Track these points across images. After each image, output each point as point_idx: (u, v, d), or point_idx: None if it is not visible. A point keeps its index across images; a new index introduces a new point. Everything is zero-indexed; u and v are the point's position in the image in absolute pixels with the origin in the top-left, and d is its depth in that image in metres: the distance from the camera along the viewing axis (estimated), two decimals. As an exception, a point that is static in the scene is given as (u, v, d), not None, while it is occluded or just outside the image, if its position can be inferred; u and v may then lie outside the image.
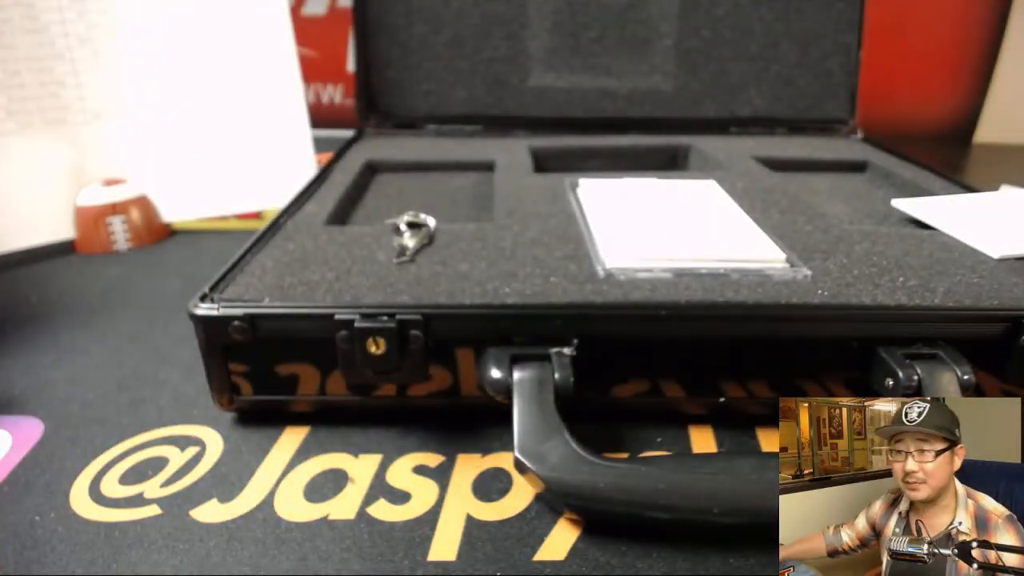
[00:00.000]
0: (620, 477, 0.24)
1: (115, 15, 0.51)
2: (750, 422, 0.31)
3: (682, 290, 0.30)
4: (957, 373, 0.27)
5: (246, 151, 0.55)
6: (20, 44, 0.49)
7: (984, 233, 0.36)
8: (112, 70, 0.51)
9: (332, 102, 0.91)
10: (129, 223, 0.51)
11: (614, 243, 0.34)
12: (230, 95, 0.54)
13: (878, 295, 0.30)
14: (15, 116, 0.49)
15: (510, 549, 0.24)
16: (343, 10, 0.86)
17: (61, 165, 0.51)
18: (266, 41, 0.54)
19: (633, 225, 0.37)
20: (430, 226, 0.37)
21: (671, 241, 0.35)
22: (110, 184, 0.51)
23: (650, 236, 0.35)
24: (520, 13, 0.60)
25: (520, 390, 0.27)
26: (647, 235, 0.35)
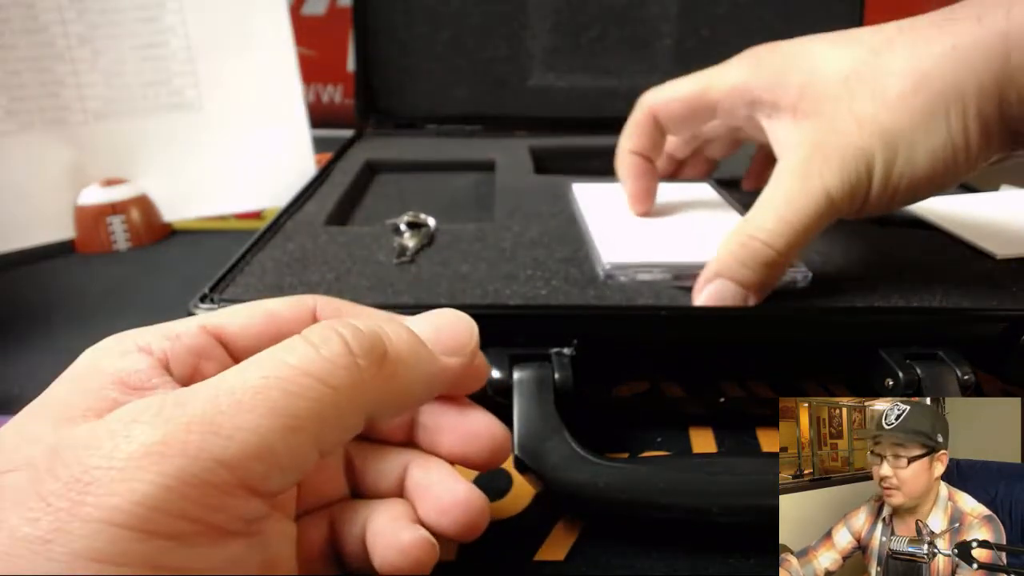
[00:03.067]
0: (620, 477, 0.24)
1: (115, 15, 0.51)
2: (750, 422, 0.31)
3: (683, 292, 0.30)
4: (957, 373, 0.27)
5: (246, 151, 0.54)
6: (20, 44, 0.49)
7: (984, 233, 0.36)
8: (112, 70, 0.51)
9: (332, 102, 0.91)
10: (129, 223, 0.51)
11: (613, 242, 0.34)
12: (230, 95, 0.54)
13: (878, 295, 0.30)
14: (15, 116, 0.49)
15: (510, 549, 0.24)
16: (343, 10, 0.86)
17: (61, 165, 0.51)
18: (266, 41, 0.54)
19: (630, 225, 0.37)
20: (430, 226, 0.37)
21: (670, 240, 0.35)
22: (110, 184, 0.51)
23: (648, 235, 0.35)
24: (520, 13, 0.60)
25: (520, 390, 0.27)
26: (645, 234, 0.36)
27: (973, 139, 0.26)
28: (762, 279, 0.29)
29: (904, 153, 0.27)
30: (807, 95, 0.29)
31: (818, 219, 0.28)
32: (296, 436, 0.15)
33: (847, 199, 0.28)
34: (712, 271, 0.29)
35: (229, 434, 0.15)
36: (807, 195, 0.28)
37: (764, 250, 0.28)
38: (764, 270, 0.28)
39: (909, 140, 0.27)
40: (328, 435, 0.16)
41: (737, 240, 0.29)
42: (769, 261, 0.28)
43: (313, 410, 0.16)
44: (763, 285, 0.29)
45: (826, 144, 0.28)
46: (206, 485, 0.14)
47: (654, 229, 0.36)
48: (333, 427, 0.16)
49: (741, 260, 0.28)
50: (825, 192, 0.27)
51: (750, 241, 0.28)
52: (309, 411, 0.16)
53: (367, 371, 0.17)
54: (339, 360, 0.16)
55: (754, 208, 0.29)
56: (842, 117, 0.28)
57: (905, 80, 0.27)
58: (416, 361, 0.19)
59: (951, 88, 0.26)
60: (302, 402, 0.16)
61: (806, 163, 0.28)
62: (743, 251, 0.28)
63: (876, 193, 0.28)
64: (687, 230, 0.36)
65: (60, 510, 0.13)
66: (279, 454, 0.15)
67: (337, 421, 0.17)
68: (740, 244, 0.28)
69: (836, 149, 0.27)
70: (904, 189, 0.27)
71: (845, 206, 0.28)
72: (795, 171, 0.28)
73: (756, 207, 0.29)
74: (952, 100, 0.26)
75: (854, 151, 0.27)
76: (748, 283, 0.29)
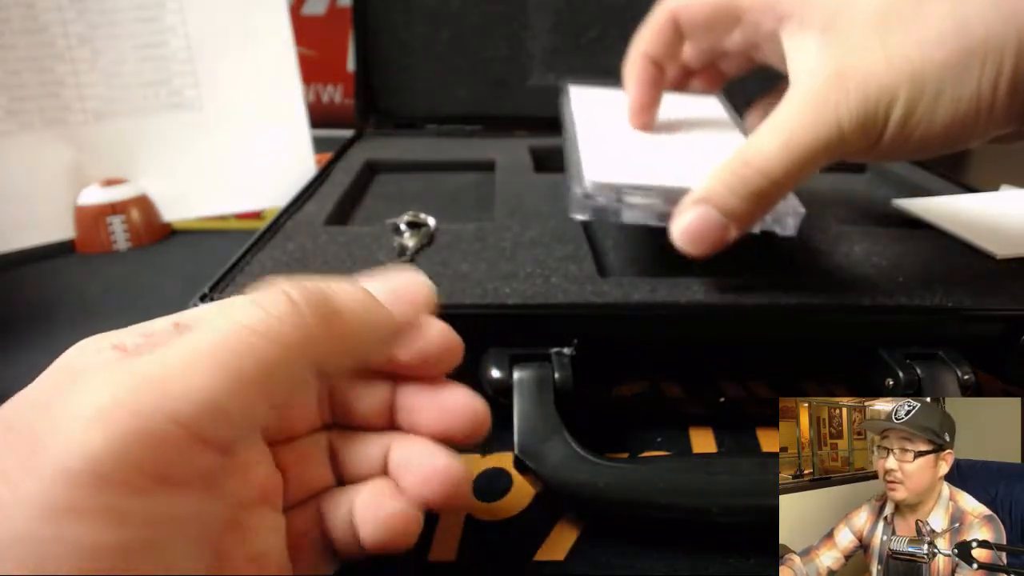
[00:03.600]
0: (620, 477, 0.24)
1: (115, 15, 0.51)
2: (750, 422, 0.31)
3: (683, 290, 0.30)
4: (957, 373, 0.27)
5: (246, 151, 0.54)
6: (20, 44, 0.49)
7: (984, 233, 0.36)
8: (112, 70, 0.51)
9: (332, 102, 0.91)
10: (129, 223, 0.51)
11: (600, 158, 0.32)
12: (230, 95, 0.54)
13: (878, 295, 0.30)
14: (15, 116, 0.49)
15: (510, 549, 0.24)
16: (343, 10, 0.86)
17: (61, 165, 0.51)
18: (266, 41, 0.54)
19: (625, 140, 0.35)
20: (430, 226, 0.37)
21: (665, 161, 0.33)
22: (110, 184, 0.51)
23: (642, 153, 0.34)
24: (520, 13, 0.60)
25: (520, 390, 0.27)
26: (639, 152, 0.34)
27: (1000, 98, 0.25)
28: (750, 209, 0.27)
29: (929, 98, 0.25)
30: (840, 18, 0.27)
31: (825, 153, 0.26)
32: (246, 393, 0.16)
33: (859, 137, 0.26)
34: (697, 196, 0.27)
35: (180, 394, 0.15)
36: (819, 125, 0.26)
37: (757, 179, 0.26)
38: (754, 200, 0.27)
39: (936, 86, 0.25)
40: (277, 389, 0.17)
41: (730, 166, 0.27)
42: (761, 191, 0.26)
43: (261, 367, 0.16)
44: (749, 217, 0.27)
45: (849, 74, 0.26)
46: (159, 440, 0.15)
47: (651, 147, 0.34)
48: (282, 381, 0.17)
49: (731, 187, 0.27)
50: (838, 125, 0.26)
51: (743, 168, 0.26)
52: (257, 368, 0.16)
53: (315, 327, 0.18)
54: (286, 317, 0.17)
55: (757, 132, 0.27)
56: (872, 49, 0.26)
57: (944, 22, 0.25)
58: (365, 313, 0.19)
59: (992, 38, 0.24)
60: (249, 360, 0.16)
61: (823, 91, 0.26)
62: (734, 178, 0.27)
63: (889, 137, 0.26)
64: (687, 151, 0.34)
65: (14, 471, 0.14)
66: (230, 411, 0.16)
67: (287, 376, 0.17)
68: (732, 171, 0.27)
69: (860, 81, 0.25)
70: (916, 139, 0.26)
71: (854, 145, 0.26)
72: (810, 97, 0.26)
73: (760, 131, 0.27)
74: (990, 51, 0.24)
75: (878, 87, 0.25)
76: (734, 213, 0.27)
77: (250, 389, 0.16)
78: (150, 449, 0.14)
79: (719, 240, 0.27)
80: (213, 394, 0.15)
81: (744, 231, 0.28)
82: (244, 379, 0.16)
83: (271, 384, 0.17)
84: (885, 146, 0.26)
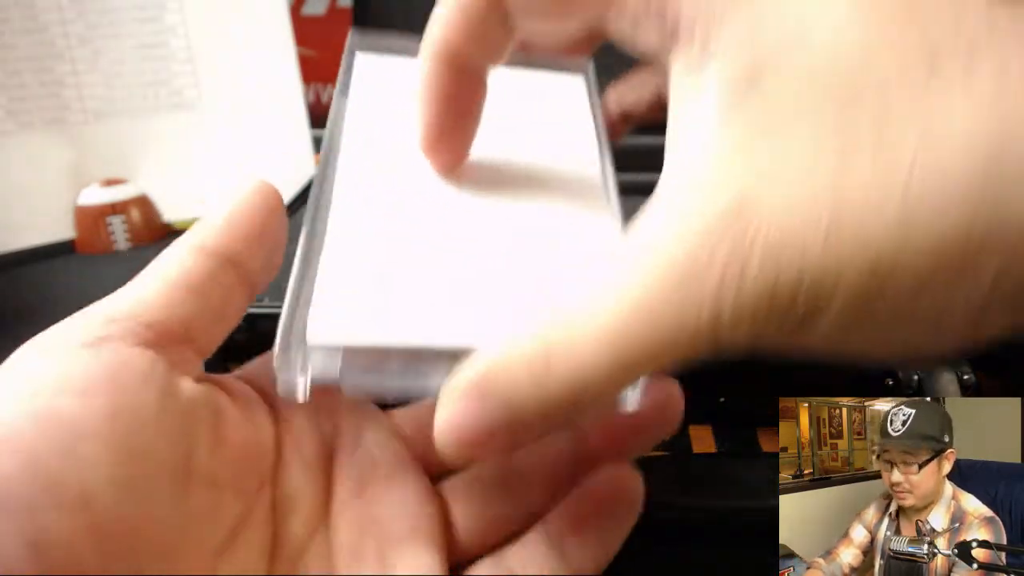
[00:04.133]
0: (620, 477, 0.24)
1: (115, 15, 0.51)
2: (750, 422, 0.31)
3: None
4: (957, 373, 0.27)
5: (246, 151, 0.54)
6: (20, 44, 0.49)
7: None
8: (112, 70, 0.51)
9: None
10: (129, 223, 0.51)
11: (348, 271, 0.19)
12: (230, 95, 0.54)
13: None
14: (15, 116, 0.49)
15: (510, 549, 0.24)
16: (343, 10, 0.86)
17: (61, 165, 0.51)
18: (266, 41, 0.54)
19: (398, 208, 0.20)
20: (430, 226, 0.37)
21: (451, 265, 0.18)
22: (110, 184, 0.51)
23: (418, 246, 0.19)
24: (520, 13, 0.60)
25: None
26: (412, 241, 0.19)
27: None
28: (547, 418, 0.15)
29: (907, 294, 0.14)
30: (772, 76, 0.14)
31: (684, 351, 0.15)
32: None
33: (752, 337, 0.15)
34: (474, 377, 0.15)
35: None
36: (684, 309, 0.14)
37: (559, 390, 0.15)
38: (554, 406, 0.15)
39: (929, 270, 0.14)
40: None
41: (527, 354, 0.15)
42: (567, 401, 0.15)
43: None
44: (546, 425, 0.16)
45: (758, 219, 0.13)
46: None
47: (441, 229, 0.19)
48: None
49: (520, 386, 0.15)
50: (715, 315, 0.14)
51: (542, 366, 0.15)
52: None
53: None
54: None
55: (587, 292, 0.15)
56: (816, 166, 0.13)
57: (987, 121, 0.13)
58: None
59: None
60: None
61: (706, 242, 0.14)
62: (527, 376, 0.15)
63: (818, 339, 0.15)
64: (500, 243, 0.19)
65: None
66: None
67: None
68: (528, 363, 0.15)
69: (773, 242, 0.13)
70: (862, 349, 0.16)
71: (744, 343, 0.16)
72: (681, 250, 0.14)
73: (591, 291, 0.15)
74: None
75: (803, 265, 0.13)
76: (521, 419, 0.15)
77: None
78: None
79: (499, 447, 0.16)
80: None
81: (543, 436, 0.20)
82: None
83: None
84: (809, 346, 0.16)
